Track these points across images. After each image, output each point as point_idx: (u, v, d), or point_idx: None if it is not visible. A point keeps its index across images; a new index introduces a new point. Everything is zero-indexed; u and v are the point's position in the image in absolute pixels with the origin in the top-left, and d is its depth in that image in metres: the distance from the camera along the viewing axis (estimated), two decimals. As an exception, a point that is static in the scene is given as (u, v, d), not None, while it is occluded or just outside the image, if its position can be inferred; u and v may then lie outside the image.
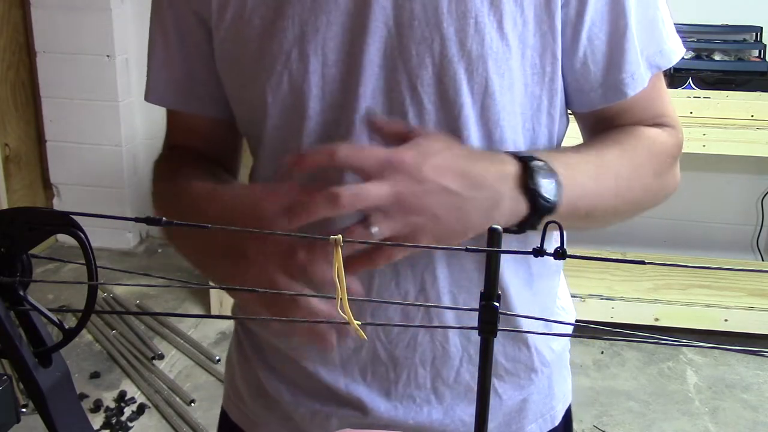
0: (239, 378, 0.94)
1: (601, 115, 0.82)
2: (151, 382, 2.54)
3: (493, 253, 0.42)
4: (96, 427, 2.30)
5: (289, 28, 0.75)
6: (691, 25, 2.97)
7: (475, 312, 0.84)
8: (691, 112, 2.75)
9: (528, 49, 0.75)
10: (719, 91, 2.79)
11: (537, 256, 0.43)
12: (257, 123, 0.80)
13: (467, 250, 0.46)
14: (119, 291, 3.09)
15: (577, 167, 0.74)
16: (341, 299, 0.45)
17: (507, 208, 0.69)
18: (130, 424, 2.35)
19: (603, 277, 2.96)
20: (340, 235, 0.44)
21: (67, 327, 0.48)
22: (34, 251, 0.49)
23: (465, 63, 0.73)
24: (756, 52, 2.97)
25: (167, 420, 2.36)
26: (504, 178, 0.69)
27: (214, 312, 2.97)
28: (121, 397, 2.45)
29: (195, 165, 0.85)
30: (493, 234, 0.42)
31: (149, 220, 0.45)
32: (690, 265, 3.10)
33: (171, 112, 0.91)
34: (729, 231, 3.26)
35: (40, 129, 3.52)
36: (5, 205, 3.25)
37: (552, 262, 0.87)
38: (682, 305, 2.83)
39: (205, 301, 3.03)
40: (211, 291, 2.88)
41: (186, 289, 3.41)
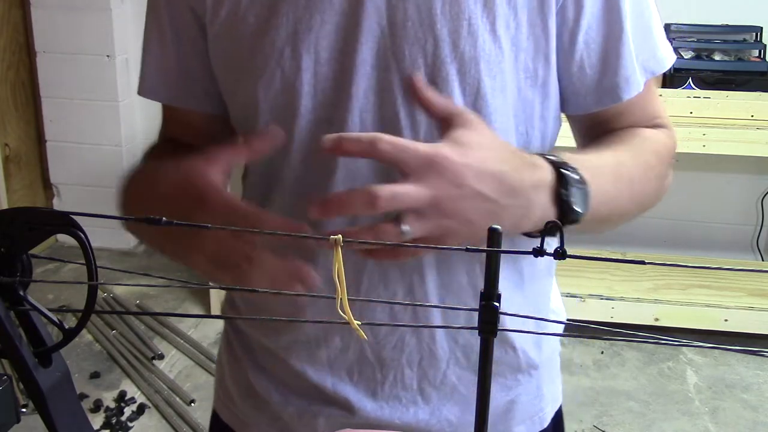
0: (229, 378, 0.95)
1: (596, 119, 0.83)
2: (151, 382, 2.54)
3: (493, 253, 0.42)
4: (96, 427, 2.30)
5: (283, 25, 0.75)
6: (691, 25, 2.97)
7: (465, 313, 0.84)
8: (691, 112, 2.75)
9: (521, 52, 0.75)
10: (719, 91, 2.79)
11: (537, 256, 0.43)
12: (250, 120, 0.80)
13: (467, 250, 0.46)
14: (119, 291, 3.09)
15: (600, 172, 0.73)
16: (341, 299, 0.46)
17: (537, 216, 0.68)
18: (130, 424, 2.35)
19: (603, 277, 2.96)
20: (340, 236, 0.44)
21: (67, 327, 0.48)
22: (34, 251, 0.49)
23: (457, 64, 0.74)
24: (756, 52, 2.97)
25: (167, 420, 2.36)
26: (539, 187, 0.67)
27: (214, 312, 2.97)
28: (121, 397, 2.46)
29: (178, 153, 0.84)
30: (493, 234, 0.42)
31: (149, 220, 0.45)
32: (690, 265, 3.10)
33: (165, 106, 0.91)
34: (729, 231, 3.26)
35: (40, 129, 3.52)
36: (5, 205, 3.25)
37: (544, 265, 0.87)
38: (682, 305, 2.84)
39: (205, 301, 3.03)
40: (211, 291, 2.88)
41: (186, 289, 3.40)
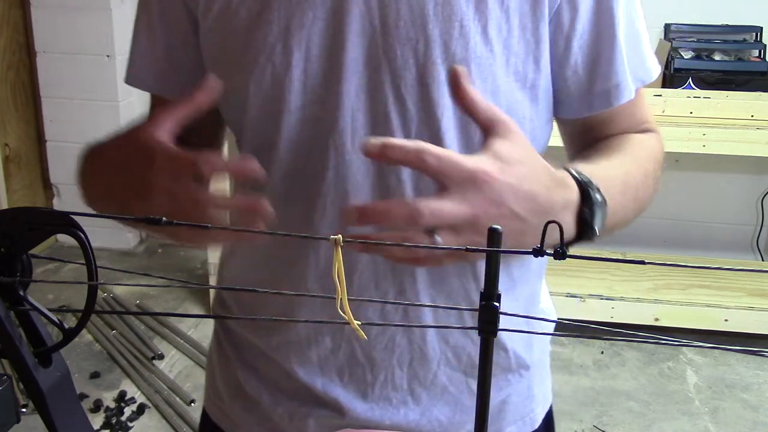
0: (219, 378, 0.94)
1: (587, 123, 0.84)
2: (151, 382, 2.54)
3: (493, 253, 0.42)
4: (96, 427, 2.30)
5: (275, 21, 0.75)
6: (691, 25, 2.98)
7: (456, 313, 0.84)
8: (691, 112, 2.75)
9: (512, 56, 0.75)
10: (719, 91, 2.79)
11: (537, 255, 0.43)
12: (239, 114, 0.80)
13: (467, 250, 0.46)
14: (119, 291, 3.09)
15: (611, 185, 0.74)
16: (341, 299, 0.46)
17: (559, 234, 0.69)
18: (130, 424, 2.35)
19: (603, 277, 2.96)
20: (339, 236, 0.44)
21: (67, 327, 0.48)
22: (34, 251, 0.49)
23: (448, 66, 0.74)
24: (756, 52, 2.97)
25: (167, 420, 2.36)
26: (566, 207, 0.68)
27: (214, 312, 2.97)
28: (121, 397, 2.46)
29: None
30: (493, 234, 0.42)
31: (149, 220, 0.45)
32: (690, 265, 3.10)
33: (153, 96, 0.91)
34: (729, 231, 3.27)
35: (40, 129, 3.52)
36: (5, 205, 3.25)
37: (534, 267, 0.88)
38: (682, 305, 2.84)
39: (205, 301, 3.03)
40: (211, 291, 2.88)
41: (186, 289, 3.41)
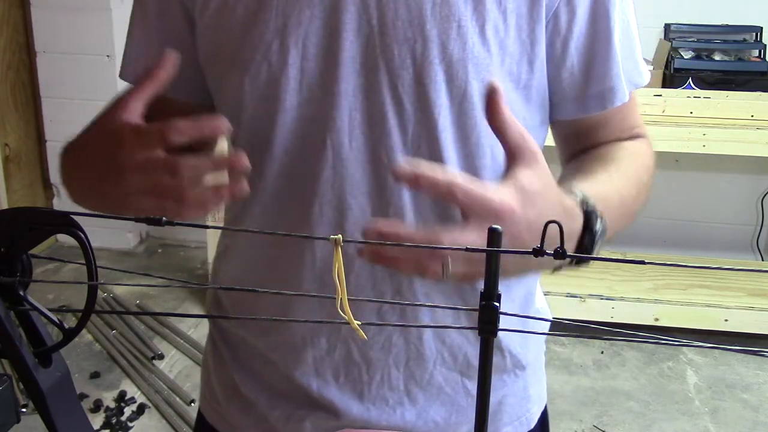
0: (215, 380, 0.94)
1: (581, 126, 0.84)
2: (151, 382, 2.54)
3: (493, 253, 0.42)
4: (96, 427, 2.30)
5: (272, 19, 0.75)
6: (691, 25, 2.98)
7: (452, 312, 0.83)
8: (691, 112, 2.75)
9: (507, 57, 0.76)
10: (719, 91, 2.79)
11: (537, 255, 0.43)
12: (235, 113, 0.80)
13: (467, 250, 0.46)
14: (119, 291, 3.09)
15: (608, 204, 0.73)
16: (341, 299, 0.46)
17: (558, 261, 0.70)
18: (130, 424, 2.35)
19: (603, 277, 2.96)
20: (339, 235, 0.44)
21: (67, 327, 0.48)
22: (34, 251, 0.50)
23: (445, 66, 0.74)
24: (756, 52, 2.97)
25: (167, 420, 2.36)
26: (570, 237, 0.68)
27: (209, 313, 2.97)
28: (121, 397, 2.46)
29: None
30: (493, 234, 0.42)
31: (149, 220, 0.45)
32: (690, 265, 3.10)
33: None
34: (729, 231, 3.27)
35: (40, 129, 3.52)
36: (5, 205, 3.25)
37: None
38: (682, 305, 2.84)
39: (205, 301, 3.03)
40: (208, 291, 2.88)
41: (186, 289, 3.41)
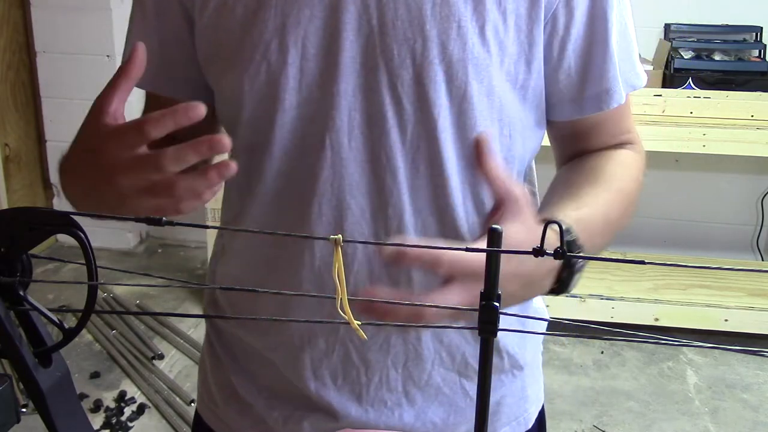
0: (212, 381, 0.94)
1: (577, 127, 0.84)
2: (151, 382, 2.54)
3: (493, 253, 0.42)
4: (96, 427, 2.30)
5: (271, 18, 0.75)
6: (691, 25, 2.98)
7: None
8: (691, 112, 2.75)
9: (506, 57, 0.76)
10: (719, 91, 2.79)
11: (537, 255, 0.43)
12: (234, 112, 0.80)
13: (467, 250, 0.46)
14: (119, 291, 3.09)
15: (592, 228, 0.74)
16: (341, 299, 0.46)
17: (538, 294, 0.72)
18: (130, 424, 2.35)
19: (603, 277, 2.96)
20: (339, 235, 0.44)
21: (67, 327, 0.48)
22: (34, 251, 0.49)
23: (445, 66, 0.74)
24: (756, 52, 2.97)
25: (167, 420, 2.36)
26: (550, 274, 0.70)
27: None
28: (121, 397, 2.45)
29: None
30: (493, 234, 0.42)
31: (149, 220, 0.45)
32: (690, 265, 3.10)
33: (148, 94, 0.90)
34: (729, 231, 3.26)
35: (40, 129, 3.52)
36: (5, 205, 3.25)
37: None
38: (682, 305, 2.84)
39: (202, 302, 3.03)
40: (205, 291, 2.87)
41: (186, 289, 3.40)
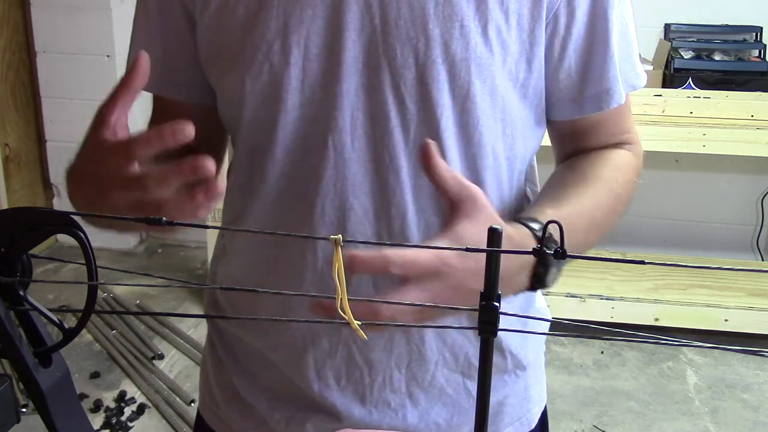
0: (213, 382, 0.94)
1: (576, 126, 0.84)
2: (151, 382, 2.54)
3: (493, 253, 0.42)
4: (96, 427, 2.30)
5: (273, 18, 0.75)
6: (691, 25, 2.98)
7: (450, 312, 0.84)
8: (691, 112, 2.75)
9: (508, 57, 0.76)
10: (719, 91, 2.79)
11: (537, 255, 0.43)
12: (236, 113, 0.80)
13: (467, 250, 0.46)
14: (119, 291, 3.09)
15: (575, 227, 0.74)
16: (341, 299, 0.46)
17: (513, 291, 0.70)
18: (130, 424, 2.35)
19: (603, 277, 2.96)
20: (339, 235, 0.44)
21: (67, 327, 0.48)
22: (34, 251, 0.49)
23: (448, 65, 0.74)
24: (756, 52, 2.97)
25: (167, 420, 2.36)
26: (522, 269, 0.68)
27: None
28: (121, 397, 2.45)
29: None
30: (493, 234, 0.42)
31: (149, 220, 0.45)
32: (690, 265, 3.10)
33: (154, 97, 0.90)
34: (729, 231, 3.26)
35: (40, 129, 3.52)
36: (5, 205, 3.25)
37: None
38: (682, 305, 2.84)
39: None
40: (206, 291, 2.87)
41: (186, 289, 3.40)
